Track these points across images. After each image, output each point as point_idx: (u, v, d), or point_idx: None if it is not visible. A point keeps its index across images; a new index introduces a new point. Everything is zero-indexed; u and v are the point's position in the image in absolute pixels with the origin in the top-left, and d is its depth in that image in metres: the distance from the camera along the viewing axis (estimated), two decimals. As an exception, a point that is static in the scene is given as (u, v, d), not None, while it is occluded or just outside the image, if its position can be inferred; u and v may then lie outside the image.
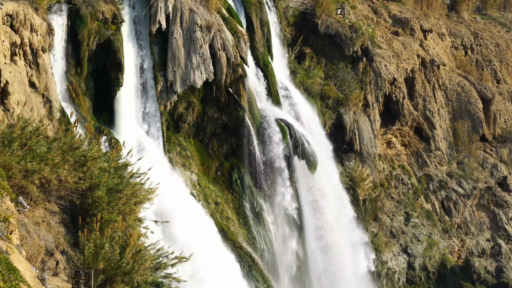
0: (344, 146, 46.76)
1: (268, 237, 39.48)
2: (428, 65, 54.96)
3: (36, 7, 29.58)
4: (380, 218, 49.57)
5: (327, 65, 48.13)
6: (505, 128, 59.34)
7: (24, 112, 24.29)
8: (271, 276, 38.18)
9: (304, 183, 41.72)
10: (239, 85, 38.87)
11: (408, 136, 53.37)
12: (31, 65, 28.94)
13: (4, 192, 15.83)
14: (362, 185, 46.79)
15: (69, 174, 19.14)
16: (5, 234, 14.77)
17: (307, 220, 41.65)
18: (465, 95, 57.12)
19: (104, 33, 33.80)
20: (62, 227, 19.17)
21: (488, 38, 64.70)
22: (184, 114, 37.94)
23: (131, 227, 19.65)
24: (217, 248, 34.86)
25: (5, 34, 27.03)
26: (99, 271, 17.22)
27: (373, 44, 50.32)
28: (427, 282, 49.82)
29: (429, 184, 53.57)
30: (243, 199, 39.22)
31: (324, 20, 47.60)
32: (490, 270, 51.76)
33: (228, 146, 39.54)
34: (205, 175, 38.60)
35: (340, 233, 43.31)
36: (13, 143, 18.42)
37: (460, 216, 53.72)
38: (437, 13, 61.44)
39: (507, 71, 63.59)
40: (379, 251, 48.03)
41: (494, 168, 56.05)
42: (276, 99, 42.22)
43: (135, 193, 20.16)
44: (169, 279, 18.83)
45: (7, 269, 13.19)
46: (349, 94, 46.94)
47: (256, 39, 42.06)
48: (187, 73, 36.71)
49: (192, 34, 36.78)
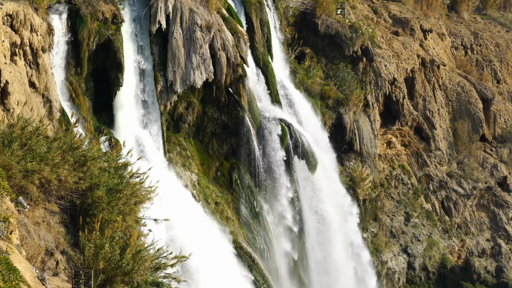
0: (344, 146, 46.76)
1: (268, 237, 39.48)
2: (428, 65, 54.95)
3: (36, 7, 29.57)
4: (380, 218, 49.57)
5: (327, 65, 48.13)
6: (505, 128, 59.32)
7: (24, 112, 24.29)
8: (271, 276, 38.18)
9: (304, 183, 41.71)
10: (239, 85, 38.87)
11: (408, 136, 53.36)
12: (31, 65, 28.94)
13: (4, 192, 15.82)
14: (362, 185, 46.79)
15: (69, 174, 19.13)
16: (5, 234, 14.76)
17: (307, 219, 41.66)
18: (465, 95, 57.11)
19: (104, 33, 33.79)
20: (62, 227, 19.16)
21: (488, 38, 64.69)
22: (184, 114, 37.94)
23: (131, 227, 19.64)
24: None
25: (5, 34, 27.03)
26: (99, 271, 17.21)
27: (373, 44, 50.32)
28: (427, 282, 49.81)
29: (429, 184, 53.57)
30: (243, 199, 39.22)
31: (324, 20, 47.60)
32: (490, 270, 51.75)
33: (228, 146, 39.53)
34: (205, 175, 38.60)
35: (340, 232, 43.35)
36: (13, 143, 18.40)
37: (460, 216, 53.72)
38: (437, 13, 61.43)
39: (507, 71, 63.59)
40: (379, 251, 48.03)
41: (494, 168, 56.04)
42: (276, 99, 42.22)
43: (135, 193, 20.15)
44: (169, 279, 18.82)
45: (7, 269, 13.18)
46: (349, 94, 46.95)
47: (256, 39, 42.06)
48: (187, 73, 36.71)
49: (192, 34, 36.78)
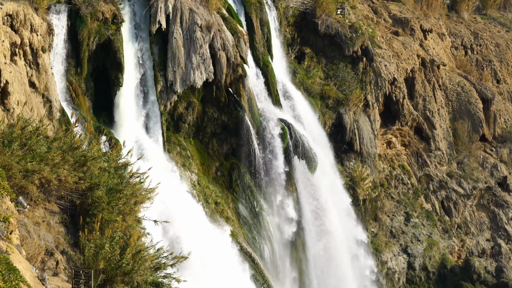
0: (344, 146, 46.75)
1: (268, 237, 39.47)
2: (428, 65, 54.94)
3: (36, 7, 29.58)
4: (380, 218, 49.56)
5: (327, 65, 48.13)
6: (505, 128, 59.31)
7: (24, 112, 24.29)
8: (270, 276, 38.18)
9: (304, 183, 41.69)
10: (239, 85, 38.86)
11: (408, 136, 53.35)
12: (31, 65, 28.94)
13: (4, 192, 15.81)
14: (362, 185, 46.78)
15: (69, 174, 19.12)
16: (5, 234, 14.75)
17: (307, 219, 41.64)
18: (465, 95, 57.11)
19: (104, 33, 33.79)
20: (62, 227, 19.15)
21: (488, 38, 64.68)
22: (184, 114, 37.93)
23: (131, 227, 19.63)
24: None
25: (5, 34, 27.03)
26: (99, 271, 17.20)
27: (373, 44, 50.31)
28: (427, 282, 49.80)
29: (429, 184, 53.56)
30: (243, 199, 39.22)
31: (324, 20, 47.59)
32: (490, 270, 51.74)
33: (228, 146, 39.52)
34: (205, 175, 38.60)
35: (340, 232, 43.32)
36: (13, 143, 18.39)
37: (460, 216, 53.70)
38: (437, 13, 61.41)
39: (507, 71, 63.58)
40: (379, 251, 48.02)
41: (494, 168, 56.04)
42: (276, 99, 42.21)
43: (135, 193, 20.14)
44: (169, 279, 18.82)
45: (7, 269, 13.17)
46: (349, 94, 46.94)
47: (256, 39, 42.05)
48: (187, 73, 36.71)
49: (192, 34, 36.78)
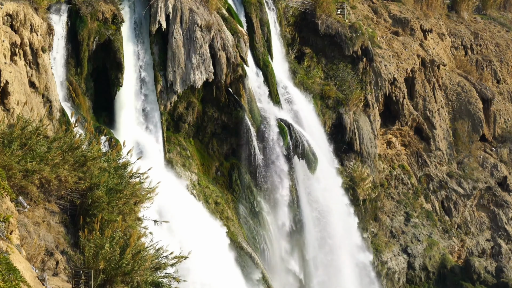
0: (344, 146, 46.75)
1: (268, 237, 39.48)
2: (428, 65, 54.94)
3: (36, 7, 29.58)
4: (380, 218, 49.56)
5: (327, 65, 48.12)
6: (505, 128, 59.31)
7: (24, 112, 24.29)
8: (270, 275, 38.18)
9: (304, 183, 41.70)
10: (239, 85, 38.86)
11: (408, 136, 53.35)
12: (31, 65, 28.95)
13: (4, 192, 15.82)
14: (362, 185, 46.77)
15: (69, 174, 19.12)
16: (5, 234, 14.76)
17: (307, 219, 41.64)
18: (465, 95, 57.11)
19: (104, 33, 33.80)
20: (62, 227, 19.15)
21: (488, 38, 64.67)
22: (184, 114, 37.93)
23: (131, 227, 19.64)
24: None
25: (5, 34, 27.03)
26: (99, 271, 17.21)
27: (373, 44, 50.31)
28: (427, 282, 49.80)
29: (429, 184, 53.56)
30: (243, 199, 39.22)
31: (324, 20, 47.58)
32: (490, 270, 51.74)
33: (228, 146, 39.52)
34: (205, 175, 38.60)
35: (340, 232, 43.34)
36: (13, 143, 18.39)
37: (460, 216, 53.70)
38: (437, 13, 61.41)
39: (507, 71, 63.57)
40: (379, 251, 48.02)
41: (494, 168, 56.03)
42: (276, 99, 42.21)
43: (135, 192, 20.15)
44: (169, 279, 18.83)
45: (7, 269, 13.18)
46: (349, 94, 46.93)
47: (256, 39, 42.05)
48: (187, 73, 36.71)
49: (192, 34, 36.78)
